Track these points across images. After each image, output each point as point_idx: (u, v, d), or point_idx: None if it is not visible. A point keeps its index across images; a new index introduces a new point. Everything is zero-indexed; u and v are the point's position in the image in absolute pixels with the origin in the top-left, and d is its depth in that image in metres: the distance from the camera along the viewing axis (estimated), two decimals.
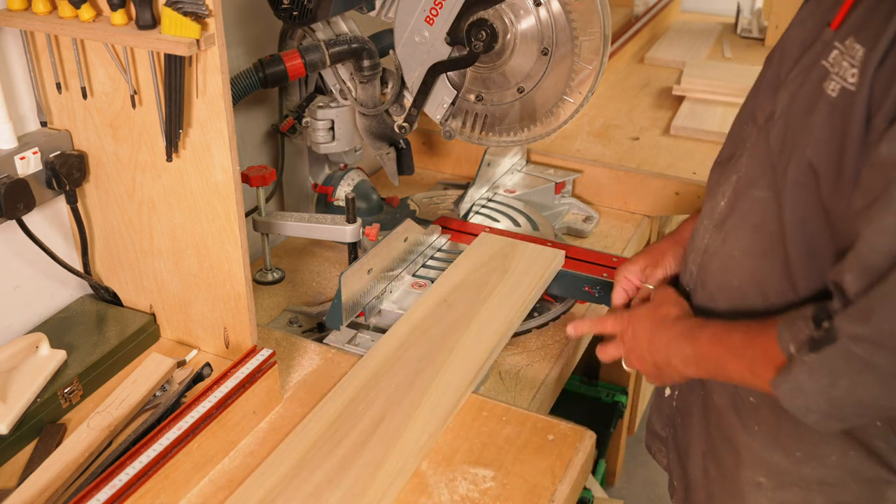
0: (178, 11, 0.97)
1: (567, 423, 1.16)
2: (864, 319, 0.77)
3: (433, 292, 1.40)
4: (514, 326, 1.34)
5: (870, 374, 0.78)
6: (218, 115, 1.04)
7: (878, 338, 0.76)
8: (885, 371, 0.77)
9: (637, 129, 2.18)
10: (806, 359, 0.81)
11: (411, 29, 1.42)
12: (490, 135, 1.54)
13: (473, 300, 1.38)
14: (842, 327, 0.79)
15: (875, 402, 0.80)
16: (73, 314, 1.28)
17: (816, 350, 0.80)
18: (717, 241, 1.02)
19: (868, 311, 0.77)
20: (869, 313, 0.76)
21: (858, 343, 0.77)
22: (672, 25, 3.12)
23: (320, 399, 1.20)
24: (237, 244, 1.13)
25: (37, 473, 1.01)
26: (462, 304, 1.37)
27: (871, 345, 0.77)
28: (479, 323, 1.32)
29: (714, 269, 1.03)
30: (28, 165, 1.13)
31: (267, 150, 1.69)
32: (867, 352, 0.77)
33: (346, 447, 1.08)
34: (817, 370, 0.81)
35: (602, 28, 1.38)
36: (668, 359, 1.03)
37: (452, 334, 1.29)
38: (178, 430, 1.02)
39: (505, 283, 1.41)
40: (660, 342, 1.05)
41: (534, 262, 1.46)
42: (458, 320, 1.33)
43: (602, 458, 2.15)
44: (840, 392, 0.80)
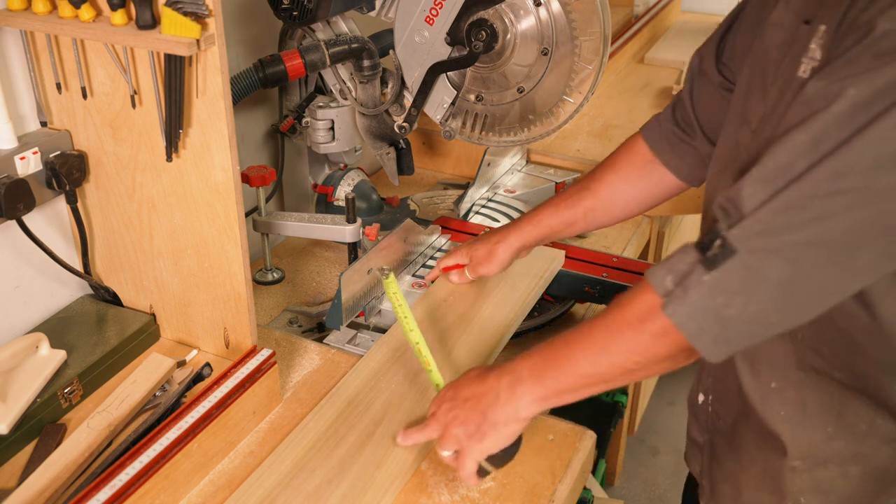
0: (178, 11, 0.97)
1: (567, 423, 1.16)
2: (762, 231, 0.77)
3: (433, 292, 1.40)
4: (514, 326, 1.34)
5: (763, 288, 0.78)
6: (218, 115, 1.04)
7: (776, 248, 0.76)
8: (778, 283, 0.77)
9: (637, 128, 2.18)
10: (705, 278, 0.80)
11: (411, 29, 1.42)
12: (490, 135, 1.54)
13: (473, 300, 1.38)
14: (740, 239, 0.78)
15: (765, 318, 0.80)
16: (73, 314, 1.28)
17: (715, 267, 0.79)
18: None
19: (767, 222, 0.77)
20: (768, 224, 0.76)
21: (756, 255, 0.77)
22: (672, 25, 3.12)
23: (320, 399, 1.20)
24: (237, 244, 1.13)
25: (37, 473, 1.01)
26: (462, 305, 1.37)
27: (768, 255, 0.77)
28: (480, 323, 1.32)
29: None
30: (28, 165, 1.13)
31: (267, 150, 1.69)
32: (764, 263, 0.77)
33: (346, 447, 1.08)
34: (715, 288, 0.80)
35: (602, 28, 1.38)
36: (514, 414, 0.96)
37: (453, 334, 1.29)
38: (178, 430, 1.02)
39: (505, 283, 1.41)
40: (497, 404, 0.97)
41: (534, 261, 1.46)
42: (458, 320, 1.33)
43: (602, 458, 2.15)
44: (733, 311, 0.79)
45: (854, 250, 0.76)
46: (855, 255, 0.76)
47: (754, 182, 0.78)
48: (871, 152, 0.72)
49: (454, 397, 1.02)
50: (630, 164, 1.24)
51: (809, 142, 0.75)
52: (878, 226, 0.75)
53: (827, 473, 0.98)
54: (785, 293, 0.79)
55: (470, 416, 0.99)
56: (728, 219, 0.80)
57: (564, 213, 1.28)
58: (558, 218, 1.28)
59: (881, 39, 0.72)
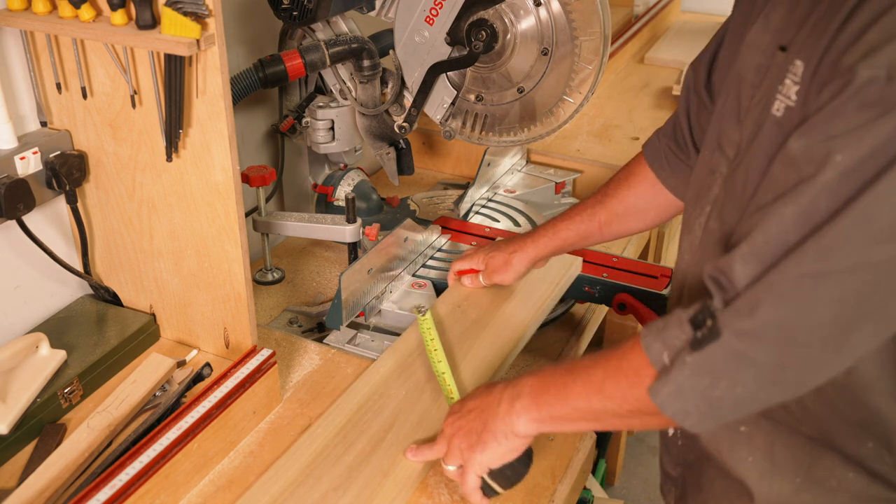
0: (178, 11, 0.97)
1: None
2: (749, 312, 0.74)
3: (447, 298, 1.39)
4: (529, 334, 1.33)
5: (750, 370, 0.76)
6: (218, 115, 1.04)
7: (761, 331, 0.74)
8: (766, 365, 0.75)
9: (637, 129, 2.18)
10: (688, 359, 0.78)
11: (411, 29, 1.42)
12: (490, 135, 1.54)
13: (488, 306, 1.36)
14: (726, 323, 0.76)
15: (753, 397, 0.78)
16: (73, 314, 1.28)
17: (699, 349, 0.77)
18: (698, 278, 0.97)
19: (754, 303, 0.74)
20: (755, 305, 0.74)
21: (742, 339, 0.75)
22: (672, 25, 3.12)
23: (320, 399, 1.21)
24: (237, 244, 1.13)
25: (37, 473, 1.01)
26: (476, 311, 1.35)
27: (754, 339, 0.74)
28: (494, 329, 1.30)
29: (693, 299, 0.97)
30: (28, 165, 1.13)
31: (267, 150, 1.69)
32: (749, 347, 0.75)
33: (354, 454, 1.06)
34: (699, 370, 0.78)
35: (602, 28, 1.38)
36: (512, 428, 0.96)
37: (466, 341, 1.27)
38: (178, 430, 1.02)
39: (520, 289, 1.40)
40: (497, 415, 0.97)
41: (550, 268, 1.44)
42: (471, 327, 1.31)
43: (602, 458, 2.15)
44: (719, 392, 0.77)
45: (848, 329, 0.73)
46: (849, 333, 0.73)
47: (744, 257, 0.76)
48: (863, 226, 0.69)
49: (459, 409, 1.02)
50: (642, 180, 1.22)
51: (799, 215, 0.72)
52: (873, 301, 0.72)
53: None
54: (773, 375, 0.76)
55: (472, 425, 0.98)
56: (721, 293, 0.78)
57: (580, 226, 1.28)
58: (574, 231, 1.28)
59: (864, 90, 0.69)
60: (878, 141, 0.68)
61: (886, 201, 0.68)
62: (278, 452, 1.11)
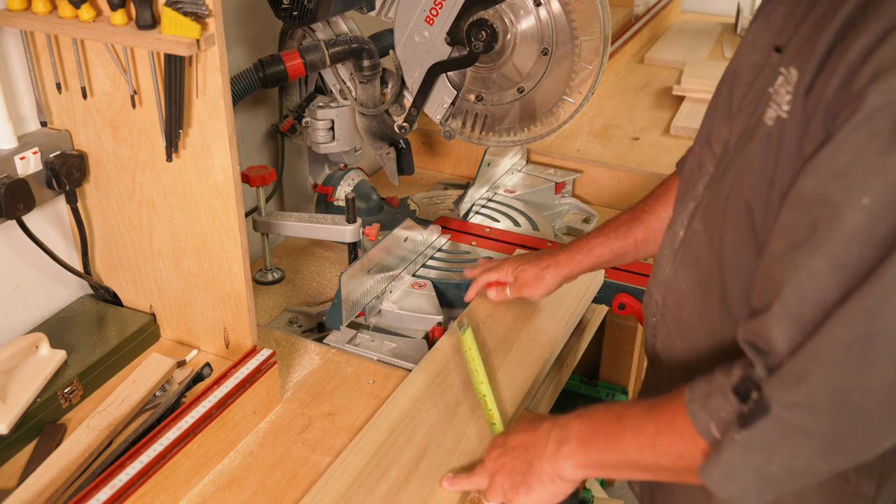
0: (178, 11, 0.97)
1: None
2: (797, 382, 0.69)
3: (471, 314, 1.37)
4: (557, 349, 1.31)
5: (806, 442, 0.71)
6: (218, 115, 1.04)
7: (814, 401, 0.69)
8: (824, 436, 0.70)
9: (637, 129, 2.18)
10: (737, 437, 0.73)
11: (411, 29, 1.42)
12: (490, 135, 1.54)
13: (513, 323, 1.34)
14: (773, 395, 0.71)
15: (814, 468, 0.73)
16: (73, 314, 1.28)
17: (747, 426, 0.73)
18: (673, 273, 0.97)
19: (802, 373, 0.69)
20: (803, 375, 0.69)
21: (793, 411, 0.70)
22: (672, 25, 3.12)
23: (320, 399, 1.21)
24: (237, 244, 1.13)
25: (37, 473, 1.01)
26: (501, 327, 1.33)
27: (808, 410, 0.69)
28: (523, 347, 1.28)
29: (670, 302, 0.98)
30: (28, 165, 1.13)
31: (267, 150, 1.69)
32: (803, 419, 0.70)
33: (389, 483, 1.03)
34: (750, 448, 0.73)
35: (602, 28, 1.38)
36: (558, 472, 0.92)
37: (495, 359, 1.25)
38: (178, 430, 1.02)
39: (546, 304, 1.38)
40: (544, 456, 0.93)
41: (575, 281, 1.44)
42: (499, 344, 1.29)
43: None
44: (776, 467, 0.73)
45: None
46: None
47: (780, 320, 0.71)
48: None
49: (504, 444, 0.99)
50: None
51: (832, 267, 0.67)
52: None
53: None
54: (833, 444, 0.71)
55: (516, 464, 0.95)
56: (762, 360, 0.73)
57: (615, 243, 1.24)
58: (609, 248, 1.24)
59: (875, 117, 0.64)
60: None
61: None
62: (278, 452, 1.11)
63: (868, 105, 0.65)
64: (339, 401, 1.20)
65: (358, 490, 1.03)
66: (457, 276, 1.51)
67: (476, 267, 1.41)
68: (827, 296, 0.68)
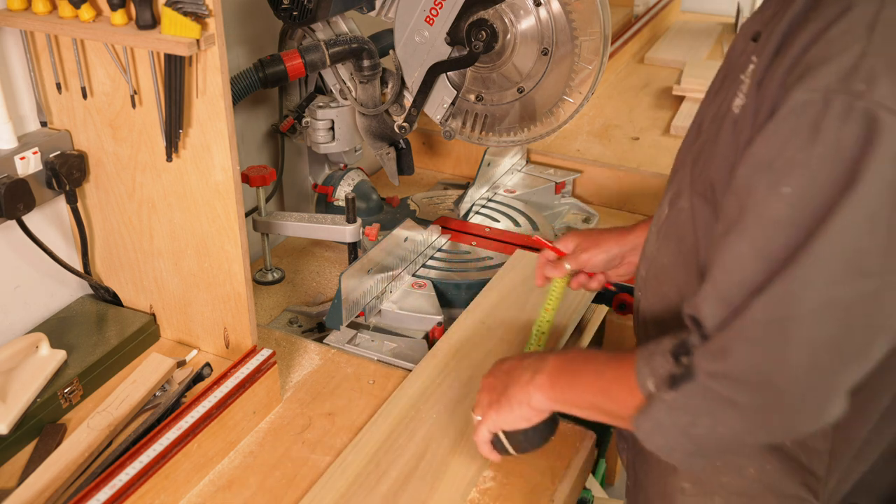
0: (178, 11, 0.97)
1: (567, 423, 1.16)
2: (722, 356, 0.73)
3: (470, 314, 1.37)
4: (560, 347, 1.31)
5: (731, 411, 0.74)
6: (218, 115, 1.04)
7: (737, 374, 0.72)
8: (746, 407, 0.73)
9: (637, 129, 2.18)
10: (665, 397, 0.78)
11: (411, 29, 1.42)
12: (490, 135, 1.54)
13: (513, 322, 1.34)
14: (700, 364, 0.75)
15: (738, 438, 0.77)
16: (73, 314, 1.28)
17: (675, 387, 0.77)
18: (656, 249, 0.99)
19: (726, 348, 0.73)
20: (727, 350, 0.73)
21: (717, 381, 0.74)
22: (672, 25, 3.12)
23: (320, 399, 1.21)
24: (237, 244, 1.13)
25: (37, 473, 1.01)
26: (501, 328, 1.33)
27: (731, 381, 0.73)
28: (522, 346, 1.28)
29: (652, 277, 1.00)
30: (28, 165, 1.13)
31: (267, 150, 1.69)
32: (727, 389, 0.73)
33: (389, 483, 1.04)
34: (676, 408, 0.77)
35: (602, 28, 1.38)
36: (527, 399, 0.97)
37: (495, 358, 1.24)
38: (178, 430, 1.02)
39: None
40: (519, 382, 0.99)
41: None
42: (499, 343, 1.29)
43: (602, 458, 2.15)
44: (701, 430, 0.76)
45: (829, 372, 0.71)
46: (832, 376, 0.71)
47: (710, 298, 0.75)
48: (825, 265, 0.67)
49: (497, 368, 1.05)
50: None
51: (755, 253, 0.71)
52: (851, 341, 0.70)
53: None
54: (757, 417, 0.74)
55: (497, 385, 1.01)
56: (697, 330, 0.78)
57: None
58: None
59: (797, 114, 0.67)
60: (820, 171, 0.66)
61: (841, 238, 0.66)
62: (278, 452, 1.11)
63: (792, 101, 0.68)
64: (339, 401, 1.20)
65: (358, 490, 1.03)
66: (457, 276, 1.52)
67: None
68: (750, 278, 0.71)
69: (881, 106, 0.64)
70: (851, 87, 0.65)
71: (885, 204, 0.65)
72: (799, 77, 0.68)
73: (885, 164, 0.64)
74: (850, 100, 0.65)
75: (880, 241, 0.66)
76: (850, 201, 0.65)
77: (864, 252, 0.66)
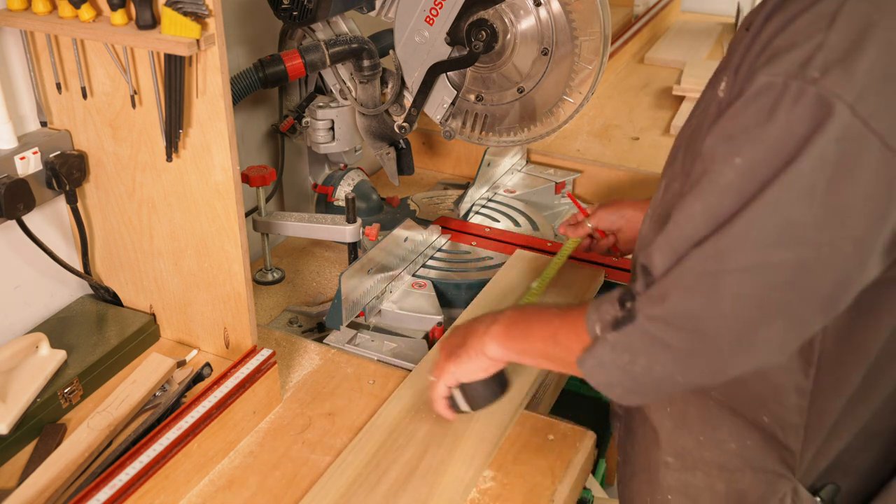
0: (178, 11, 0.97)
1: (567, 423, 1.16)
2: (660, 300, 0.79)
3: (470, 314, 1.37)
4: None
5: (665, 353, 0.80)
6: (218, 115, 1.04)
7: (671, 319, 0.79)
8: (679, 350, 0.79)
9: (637, 129, 2.18)
10: (608, 337, 0.84)
11: (411, 29, 1.42)
12: (490, 135, 1.54)
13: None
14: (641, 307, 0.81)
15: (671, 378, 0.82)
16: (73, 314, 1.28)
17: (617, 329, 0.83)
18: (648, 229, 1.04)
19: (664, 293, 0.79)
20: (665, 295, 0.79)
21: (654, 323, 0.80)
22: (672, 25, 3.12)
23: (320, 399, 1.21)
24: (237, 244, 1.13)
25: (37, 473, 1.01)
26: None
27: (666, 325, 0.79)
28: None
29: None
30: (28, 165, 1.13)
31: (267, 150, 1.69)
32: (662, 331, 0.79)
33: (388, 484, 1.04)
34: (617, 348, 0.84)
35: (602, 28, 1.38)
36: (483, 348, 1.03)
37: None
38: (178, 430, 1.02)
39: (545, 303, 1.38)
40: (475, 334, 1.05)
41: (573, 280, 1.42)
42: None
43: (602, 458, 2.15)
44: (639, 369, 0.83)
45: (754, 326, 0.77)
46: (755, 330, 0.77)
47: (661, 247, 0.81)
48: (757, 229, 0.73)
49: (455, 329, 1.12)
50: None
51: (704, 212, 0.77)
52: (776, 301, 0.75)
53: (695, 480, 1.01)
54: (687, 360, 0.80)
55: (455, 340, 1.08)
56: (644, 279, 0.83)
57: None
58: None
59: (760, 95, 0.73)
60: (770, 145, 0.72)
61: (776, 207, 0.72)
62: (278, 452, 1.11)
63: (758, 83, 0.74)
64: (339, 401, 1.20)
65: (358, 490, 1.03)
66: (457, 276, 1.52)
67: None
68: (698, 233, 0.77)
69: (832, 93, 0.69)
70: (807, 73, 0.71)
71: (822, 180, 0.71)
72: (766, 62, 0.74)
73: (828, 144, 0.70)
74: (804, 85, 0.71)
75: (814, 214, 0.71)
76: (789, 174, 0.71)
77: (796, 222, 0.72)
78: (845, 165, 0.70)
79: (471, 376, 1.06)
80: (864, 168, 0.70)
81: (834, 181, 0.70)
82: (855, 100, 0.69)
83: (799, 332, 0.79)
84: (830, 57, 0.71)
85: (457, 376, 1.06)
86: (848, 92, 0.69)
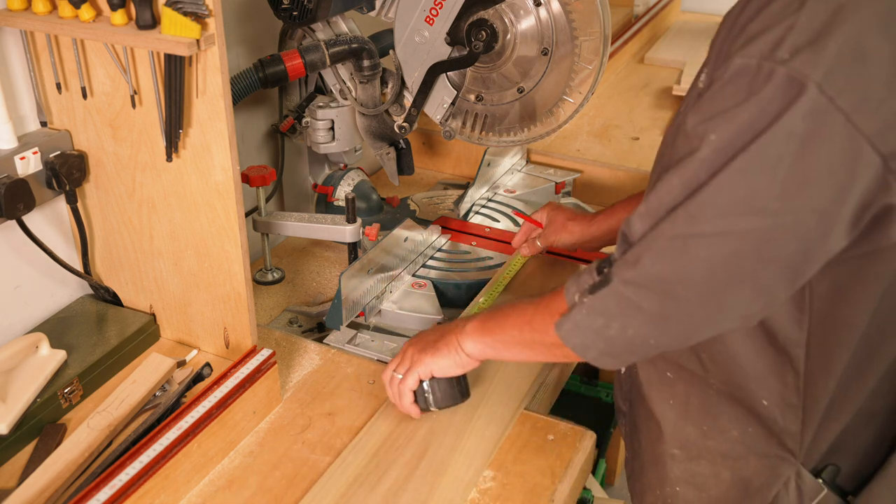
0: (178, 11, 0.97)
1: (567, 423, 1.16)
2: (635, 264, 0.83)
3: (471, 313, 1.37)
4: None
5: (638, 316, 0.84)
6: (218, 115, 1.04)
7: (644, 282, 0.82)
8: (651, 313, 0.83)
9: (637, 129, 2.18)
10: (585, 301, 0.88)
11: (411, 29, 1.42)
12: (490, 135, 1.54)
13: None
14: (616, 272, 0.85)
15: (644, 341, 0.86)
16: (73, 314, 1.28)
17: (593, 293, 0.87)
18: None
19: (638, 257, 0.82)
20: (639, 258, 0.82)
21: (628, 286, 0.83)
22: (672, 25, 3.12)
23: (320, 399, 1.21)
24: (237, 244, 1.13)
25: (37, 473, 1.01)
26: None
27: (639, 288, 0.82)
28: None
29: None
30: (28, 165, 1.13)
31: (267, 150, 1.69)
32: (636, 294, 0.83)
33: (388, 484, 1.04)
34: (593, 311, 0.87)
35: (602, 28, 1.38)
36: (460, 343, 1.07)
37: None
38: (178, 430, 1.02)
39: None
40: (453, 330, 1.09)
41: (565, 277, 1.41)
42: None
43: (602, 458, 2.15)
44: (613, 332, 0.86)
45: (722, 290, 0.80)
46: (724, 294, 0.80)
47: (640, 215, 0.84)
48: (725, 197, 0.76)
49: (423, 333, 1.15)
50: None
51: (683, 183, 0.80)
52: (742, 267, 0.78)
53: (701, 469, 1.03)
54: (659, 323, 0.84)
55: (429, 337, 1.12)
56: (622, 246, 0.87)
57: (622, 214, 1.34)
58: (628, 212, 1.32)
59: (736, 76, 0.76)
60: (742, 122, 0.75)
61: (743, 176, 0.75)
62: (278, 452, 1.11)
63: (734, 65, 0.77)
64: (339, 401, 1.20)
65: (358, 490, 1.03)
66: (457, 276, 1.52)
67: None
68: (674, 202, 0.80)
69: (801, 73, 0.72)
70: (778, 55, 0.74)
71: (788, 153, 0.73)
72: (741, 45, 0.77)
73: (796, 119, 0.72)
74: (775, 66, 0.73)
75: (778, 185, 0.74)
76: (757, 145, 0.74)
77: (761, 192, 0.75)
78: (811, 140, 0.73)
79: (445, 371, 1.09)
80: (829, 143, 0.73)
81: (799, 155, 0.73)
82: (822, 79, 0.71)
83: (766, 299, 0.82)
84: (800, 39, 0.73)
85: (431, 368, 1.09)
86: (816, 71, 0.72)
